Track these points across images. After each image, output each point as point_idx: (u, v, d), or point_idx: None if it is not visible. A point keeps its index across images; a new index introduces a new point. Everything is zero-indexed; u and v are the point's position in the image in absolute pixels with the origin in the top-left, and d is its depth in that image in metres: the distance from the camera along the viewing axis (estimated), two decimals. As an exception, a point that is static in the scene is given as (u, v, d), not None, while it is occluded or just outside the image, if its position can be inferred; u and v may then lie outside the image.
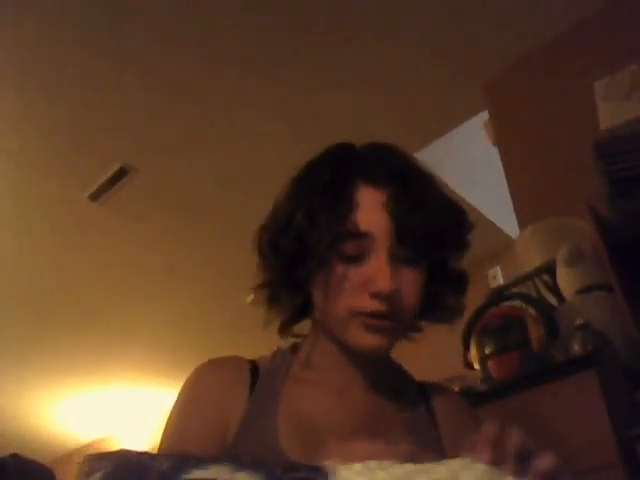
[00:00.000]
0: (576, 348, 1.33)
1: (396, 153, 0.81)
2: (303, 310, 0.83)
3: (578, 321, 1.39)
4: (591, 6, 2.34)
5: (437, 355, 2.87)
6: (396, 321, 0.74)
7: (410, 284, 0.75)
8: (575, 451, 1.18)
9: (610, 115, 2.00)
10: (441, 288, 0.82)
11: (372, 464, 0.54)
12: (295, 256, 0.76)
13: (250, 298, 0.86)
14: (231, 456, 0.54)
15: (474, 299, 1.79)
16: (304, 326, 0.86)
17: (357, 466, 0.54)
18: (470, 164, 3.17)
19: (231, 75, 2.56)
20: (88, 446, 5.57)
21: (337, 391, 0.80)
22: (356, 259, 0.74)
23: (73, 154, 2.86)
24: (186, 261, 3.47)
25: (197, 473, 0.50)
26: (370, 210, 0.74)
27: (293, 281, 0.79)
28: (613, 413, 1.17)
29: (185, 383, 0.81)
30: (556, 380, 1.26)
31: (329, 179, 0.77)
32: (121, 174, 2.95)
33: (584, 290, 1.56)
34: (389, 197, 0.74)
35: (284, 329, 0.83)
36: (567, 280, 1.61)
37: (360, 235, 0.73)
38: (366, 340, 0.74)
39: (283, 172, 0.83)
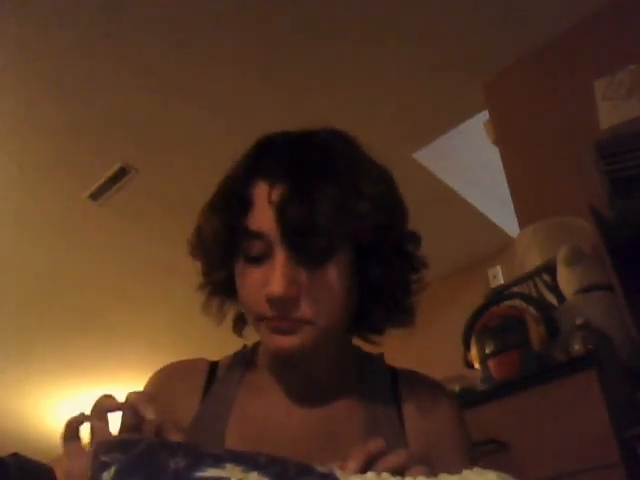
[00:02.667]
0: (576, 348, 1.33)
1: (309, 141, 0.73)
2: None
3: (578, 321, 1.39)
4: (591, 6, 2.34)
5: (437, 355, 2.87)
6: (307, 324, 0.68)
7: (318, 285, 0.68)
8: (575, 451, 1.18)
9: (610, 115, 2.00)
10: (383, 287, 0.74)
11: (384, 474, 0.54)
12: (205, 257, 0.74)
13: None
14: (246, 455, 0.54)
15: (474, 298, 1.79)
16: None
17: (369, 475, 0.53)
18: (470, 164, 3.17)
19: (231, 75, 2.56)
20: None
21: (288, 398, 0.77)
22: (257, 260, 0.69)
23: (73, 154, 2.86)
24: (186, 261, 3.46)
25: (212, 471, 0.50)
26: (263, 209, 0.68)
27: (212, 283, 0.76)
28: (613, 412, 1.17)
29: (143, 389, 0.81)
30: (556, 380, 1.26)
31: (228, 178, 0.73)
32: (121, 174, 2.96)
33: (584, 289, 1.56)
34: (281, 194, 0.67)
35: (235, 329, 0.81)
36: (567, 280, 1.61)
37: (252, 235, 0.68)
38: (278, 342, 0.69)
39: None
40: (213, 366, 0.83)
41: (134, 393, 0.61)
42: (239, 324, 0.81)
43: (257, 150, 0.74)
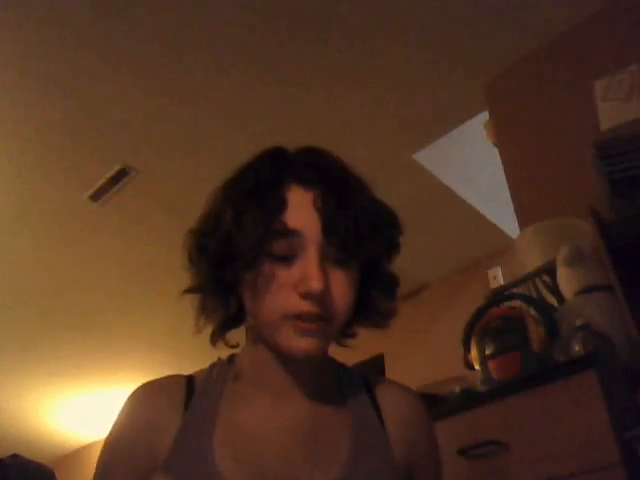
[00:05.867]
0: (576, 348, 1.33)
1: (326, 155, 0.80)
2: (236, 318, 0.81)
3: (578, 321, 1.38)
4: (591, 6, 2.34)
5: (437, 356, 2.88)
6: (328, 323, 0.73)
7: (341, 285, 0.73)
8: (575, 452, 1.18)
9: (610, 116, 2.00)
10: (372, 292, 0.80)
11: None
12: (222, 257, 0.74)
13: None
14: None
15: (474, 299, 1.79)
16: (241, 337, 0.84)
17: None
18: (470, 164, 3.17)
19: (231, 75, 2.57)
20: (88, 447, 5.57)
21: (274, 404, 0.78)
22: (286, 259, 0.72)
23: (74, 155, 2.86)
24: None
25: None
26: (299, 209, 0.73)
27: (221, 284, 0.76)
28: (613, 414, 1.17)
29: (121, 408, 0.81)
30: (556, 381, 1.26)
31: (259, 179, 0.75)
32: (121, 174, 2.96)
33: (584, 290, 1.56)
34: (318, 196, 0.73)
35: (215, 337, 0.81)
36: (567, 280, 1.61)
37: (289, 233, 0.72)
38: (298, 344, 0.72)
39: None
40: (190, 380, 0.83)
41: None
42: (220, 333, 0.81)
43: (279, 157, 0.78)
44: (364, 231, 0.73)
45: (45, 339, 4.10)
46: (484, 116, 2.74)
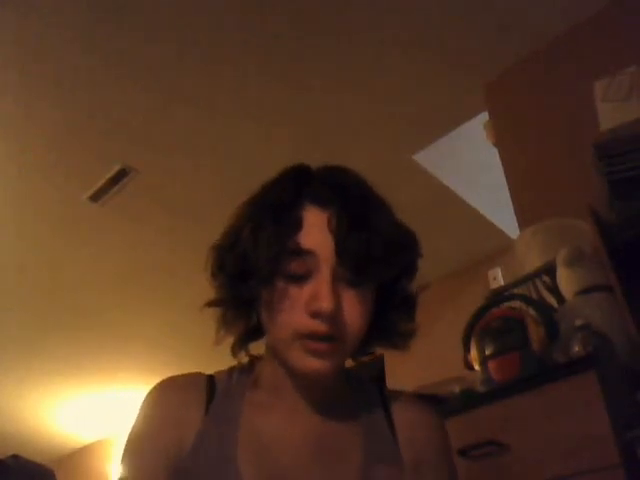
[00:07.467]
0: (576, 349, 1.33)
1: (346, 175, 0.80)
2: (256, 331, 0.82)
3: (578, 322, 1.38)
4: (591, 6, 2.34)
5: (437, 356, 2.87)
6: (338, 343, 0.73)
7: (353, 306, 0.74)
8: (575, 452, 1.18)
9: (610, 116, 2.00)
10: (389, 312, 0.80)
11: None
12: (240, 274, 0.75)
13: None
14: None
15: (474, 300, 1.79)
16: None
17: None
18: (470, 165, 3.17)
19: (231, 76, 2.57)
20: (88, 447, 5.57)
21: (288, 416, 0.80)
22: (299, 278, 0.73)
23: (73, 155, 2.86)
24: (186, 262, 3.48)
25: None
26: (314, 229, 0.74)
27: (240, 300, 0.78)
28: (613, 414, 1.17)
29: (142, 403, 0.82)
30: (556, 381, 1.26)
31: (277, 198, 0.76)
32: (121, 175, 2.96)
33: (584, 291, 1.56)
34: (333, 216, 0.74)
35: (236, 350, 0.82)
36: (567, 281, 1.61)
37: (302, 253, 0.73)
38: (308, 364, 0.73)
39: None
40: (210, 380, 0.84)
41: None
42: (240, 345, 0.82)
43: (300, 176, 0.79)
44: (377, 253, 0.72)
45: (45, 339, 4.09)
46: (484, 116, 2.74)
